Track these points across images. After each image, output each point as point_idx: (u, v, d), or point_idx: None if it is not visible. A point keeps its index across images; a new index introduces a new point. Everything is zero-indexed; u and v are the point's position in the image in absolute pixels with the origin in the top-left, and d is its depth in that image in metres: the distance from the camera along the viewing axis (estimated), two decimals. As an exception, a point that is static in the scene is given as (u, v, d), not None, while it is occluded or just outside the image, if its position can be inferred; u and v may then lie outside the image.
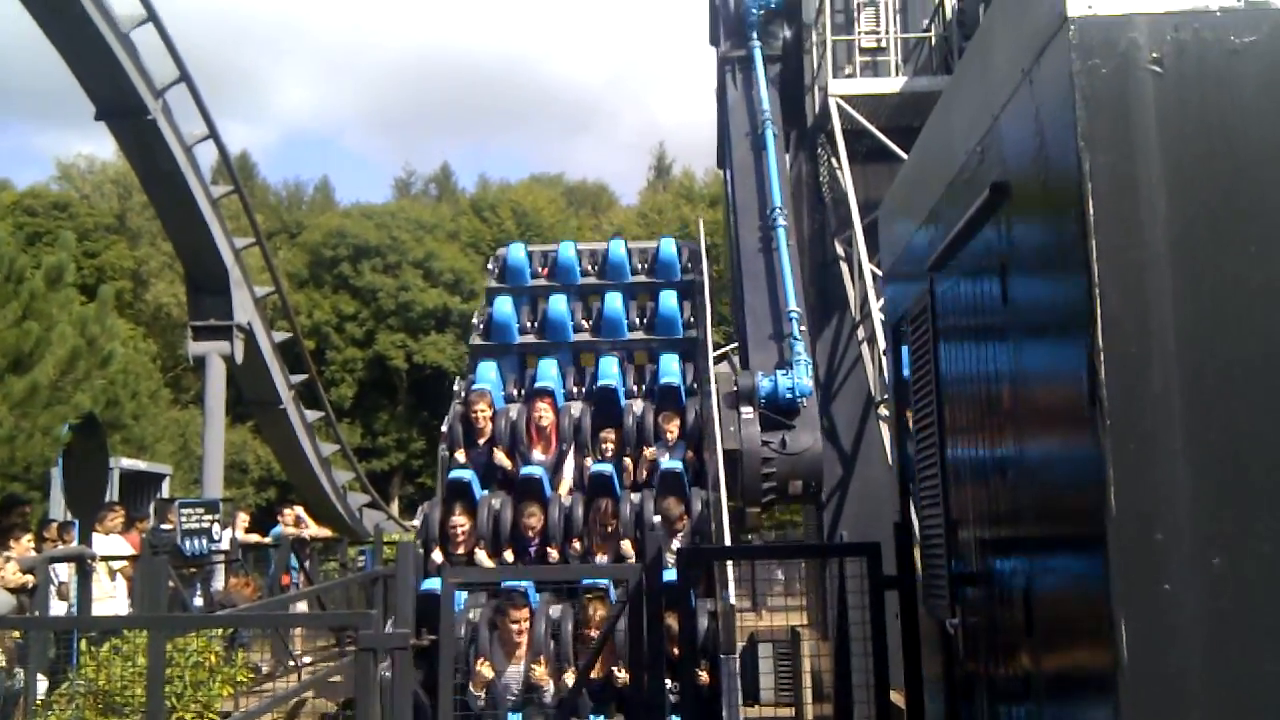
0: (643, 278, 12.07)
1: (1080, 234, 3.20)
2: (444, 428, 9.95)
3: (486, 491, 9.25)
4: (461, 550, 8.75)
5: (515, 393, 10.68)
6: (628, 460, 9.64)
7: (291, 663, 12.16)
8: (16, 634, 8.79)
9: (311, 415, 25.22)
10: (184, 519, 13.93)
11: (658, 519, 8.71)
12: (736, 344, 14.11)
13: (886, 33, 13.86)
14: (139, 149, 15.88)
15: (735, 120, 14.02)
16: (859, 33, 13.91)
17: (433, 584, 7.71)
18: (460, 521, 8.78)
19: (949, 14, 13.64)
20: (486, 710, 7.65)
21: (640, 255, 12.24)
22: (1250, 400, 3.11)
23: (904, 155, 12.06)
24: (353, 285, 52.01)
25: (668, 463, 9.19)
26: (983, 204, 4.05)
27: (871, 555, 5.81)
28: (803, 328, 12.03)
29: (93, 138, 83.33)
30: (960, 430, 4.81)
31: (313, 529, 16.78)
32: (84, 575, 10.19)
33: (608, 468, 9.17)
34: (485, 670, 7.64)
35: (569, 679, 7.56)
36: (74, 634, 8.79)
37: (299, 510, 16.47)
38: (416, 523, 9.14)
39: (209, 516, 14.34)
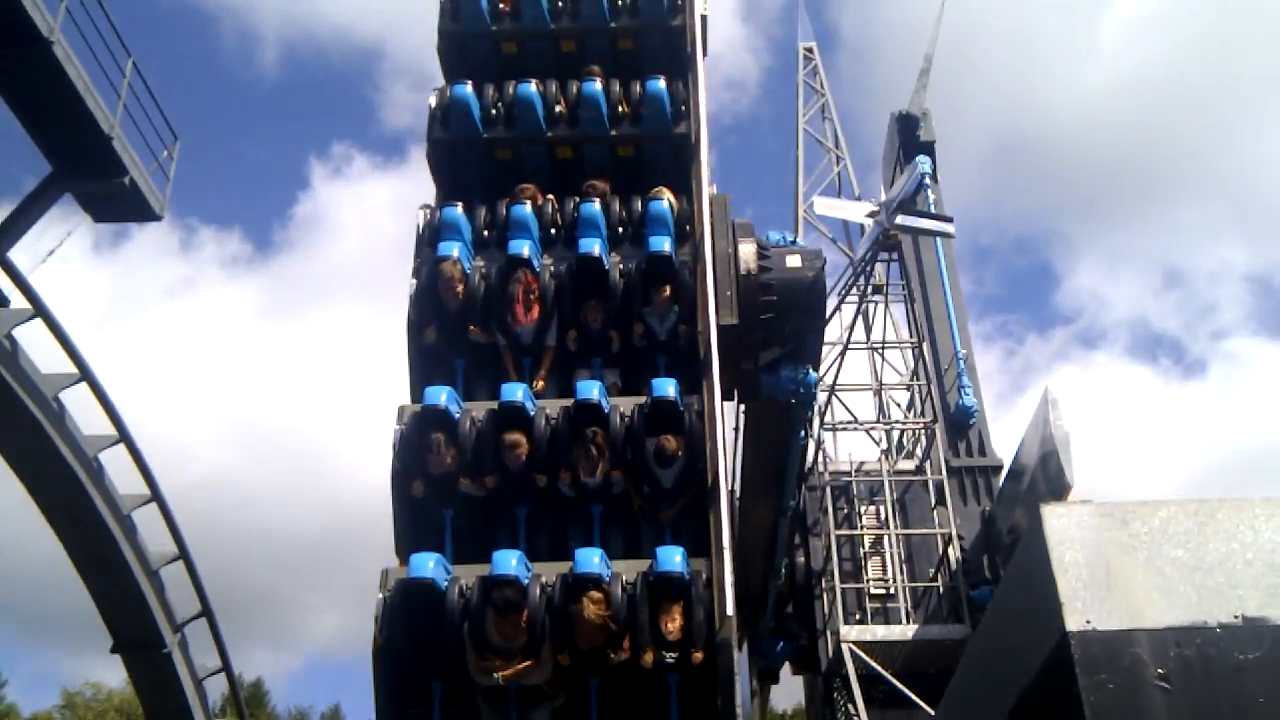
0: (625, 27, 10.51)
1: None
2: (408, 301, 8.88)
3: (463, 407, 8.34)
4: (443, 471, 8.04)
5: (485, 233, 9.36)
6: (614, 332, 8.81)
7: None
8: None
9: None
10: None
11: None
12: None
13: (894, 581, 14.21)
14: (149, 683, 15.72)
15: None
16: (868, 580, 14.25)
17: (420, 566, 7.32)
18: (442, 449, 8.01)
19: (953, 564, 14.04)
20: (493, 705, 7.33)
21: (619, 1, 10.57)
22: None
23: (920, 703, 11.89)
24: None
25: (660, 385, 8.19)
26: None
27: None
28: None
29: (98, 660, 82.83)
30: None
31: None
32: None
33: (594, 392, 8.19)
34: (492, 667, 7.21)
35: (564, 659, 7.20)
36: None
37: None
38: (392, 443, 8.24)
39: None
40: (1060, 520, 3.61)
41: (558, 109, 9.96)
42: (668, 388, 8.25)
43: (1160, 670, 3.32)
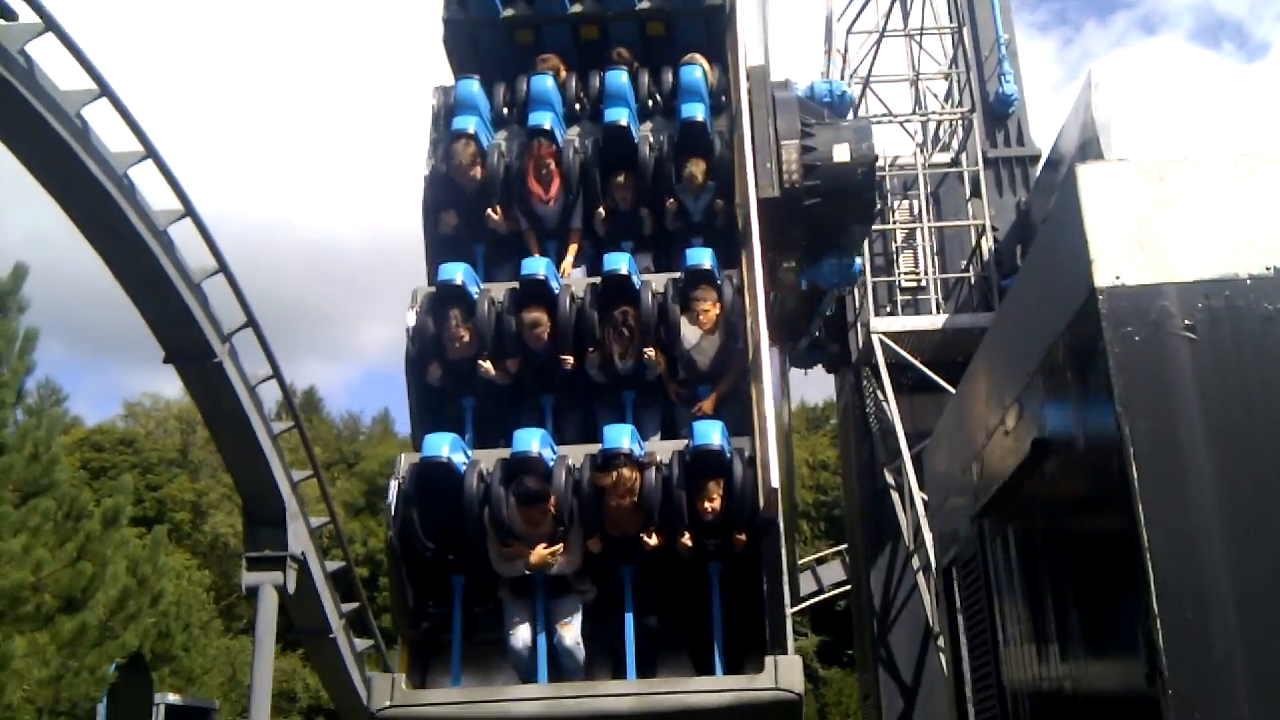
0: None
1: (1126, 497, 3.20)
2: (423, 179, 8.41)
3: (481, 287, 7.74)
4: (461, 356, 7.42)
5: (505, 111, 8.80)
6: (645, 210, 8.19)
7: None
8: None
9: (361, 644, 24.91)
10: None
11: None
12: None
13: (926, 274, 14.28)
14: (203, 390, 16.33)
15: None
16: (899, 273, 14.32)
17: (436, 445, 6.73)
18: (459, 327, 7.41)
19: (985, 255, 14.03)
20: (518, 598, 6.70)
21: None
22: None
23: (949, 388, 12.17)
24: (406, 513, 52.13)
25: (695, 255, 7.57)
26: (1026, 460, 4.07)
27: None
28: None
29: (158, 375, 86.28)
30: (1017, 680, 4.67)
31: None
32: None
33: (624, 263, 7.54)
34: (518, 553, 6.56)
35: (594, 546, 6.59)
36: None
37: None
38: (410, 323, 7.73)
39: (252, 754, 13.99)
40: (1095, 177, 3.54)
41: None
42: (703, 258, 7.48)
43: (1187, 321, 3.33)
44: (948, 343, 13.36)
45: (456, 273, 7.53)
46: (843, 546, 20.49)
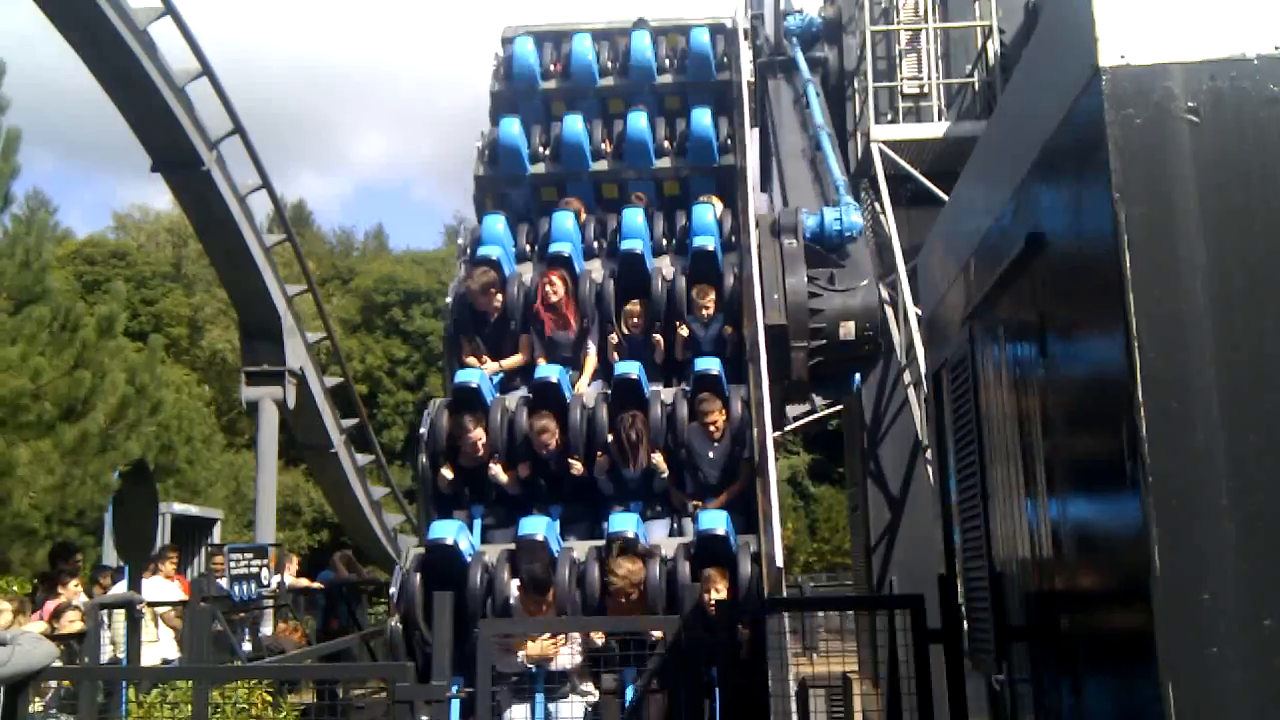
0: (670, 78, 10.65)
1: (1118, 287, 3.14)
2: (449, 301, 8.79)
3: (497, 395, 8.19)
4: (474, 462, 7.83)
5: (528, 249, 9.40)
6: (657, 337, 8.50)
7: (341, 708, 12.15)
8: (67, 682, 8.87)
9: (363, 459, 25.44)
10: (233, 564, 14.02)
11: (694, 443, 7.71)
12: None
13: (929, 79, 13.85)
14: (193, 200, 16.21)
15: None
16: (901, 79, 13.89)
17: (443, 531, 7.04)
18: (471, 431, 7.70)
19: (991, 60, 13.60)
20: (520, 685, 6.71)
21: (668, 45, 10.80)
22: (1295, 457, 3.02)
23: (947, 199, 11.98)
24: (404, 330, 52.49)
25: (703, 363, 7.98)
26: (1018, 255, 4.00)
27: (915, 609, 5.69)
28: (844, 178, 10.53)
29: (147, 187, 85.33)
30: (1003, 482, 4.72)
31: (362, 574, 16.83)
32: (133, 622, 10.28)
33: (634, 369, 7.94)
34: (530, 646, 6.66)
35: (598, 639, 6.60)
36: (122, 682, 8.84)
37: (345, 555, 16.53)
38: (422, 430, 8.04)
39: (258, 561, 14.42)
40: (1104, -49, 3.34)
41: (604, 146, 10.08)
42: (712, 365, 7.86)
43: (1191, 104, 3.20)
44: (948, 152, 13.11)
45: (473, 377, 7.96)
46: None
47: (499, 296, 8.54)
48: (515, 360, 8.60)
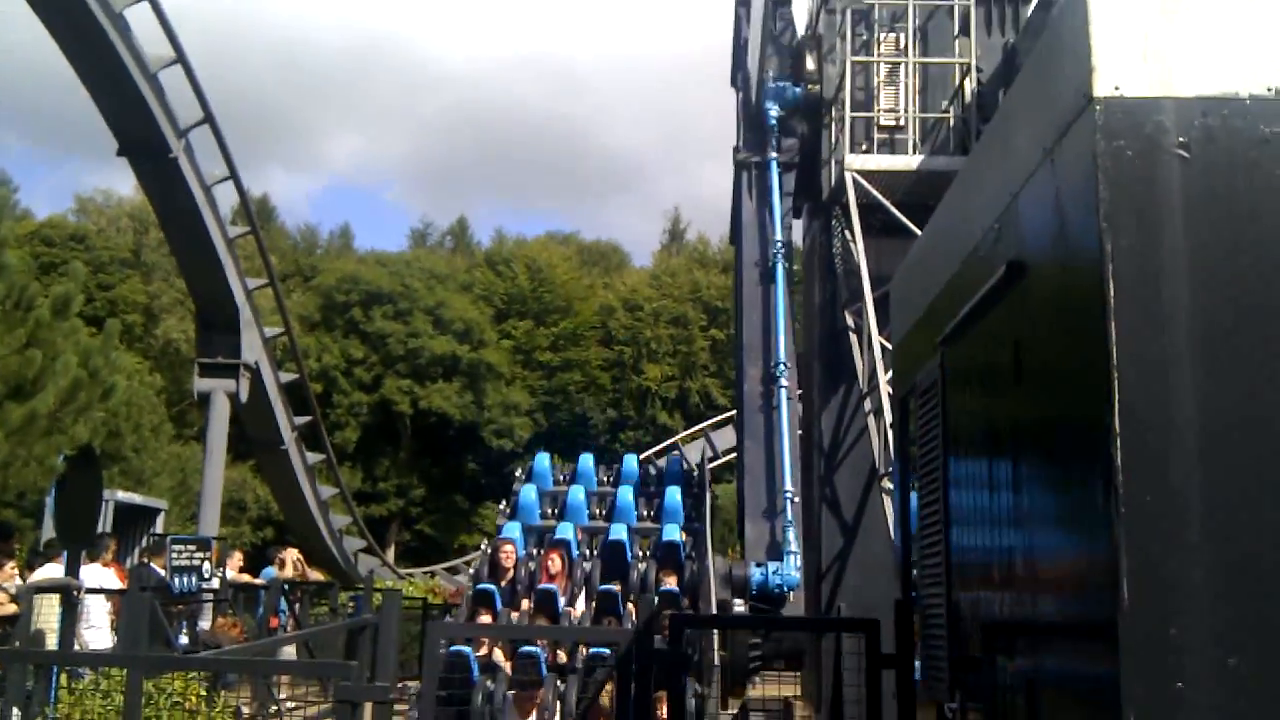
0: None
1: (1100, 318, 3.13)
2: (472, 570, 11.55)
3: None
4: (484, 651, 9.76)
5: (534, 551, 12.04)
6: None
7: (275, 708, 11.93)
8: (-6, 665, 8.63)
9: (313, 457, 25.12)
10: (175, 555, 13.76)
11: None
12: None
13: (906, 111, 13.96)
14: (158, 187, 15.99)
15: (747, 239, 15.01)
16: (878, 110, 13.99)
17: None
18: (485, 621, 10.19)
19: (968, 96, 13.74)
20: None
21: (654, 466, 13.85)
22: (1272, 498, 3.01)
23: (918, 231, 12.07)
24: (363, 330, 52.13)
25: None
26: (997, 282, 3.98)
27: (870, 633, 5.66)
28: (795, 502, 13.59)
29: (112, 172, 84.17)
30: (966, 509, 4.70)
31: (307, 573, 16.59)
32: (69, 607, 10.04)
33: (614, 586, 10.49)
34: None
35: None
36: (54, 668, 8.62)
37: (296, 553, 16.30)
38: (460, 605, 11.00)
39: (200, 554, 14.17)
40: (1102, -17, 3.34)
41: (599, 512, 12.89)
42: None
43: (1182, 139, 3.20)
44: (920, 185, 13.22)
45: (490, 586, 10.73)
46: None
47: (512, 563, 11.43)
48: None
